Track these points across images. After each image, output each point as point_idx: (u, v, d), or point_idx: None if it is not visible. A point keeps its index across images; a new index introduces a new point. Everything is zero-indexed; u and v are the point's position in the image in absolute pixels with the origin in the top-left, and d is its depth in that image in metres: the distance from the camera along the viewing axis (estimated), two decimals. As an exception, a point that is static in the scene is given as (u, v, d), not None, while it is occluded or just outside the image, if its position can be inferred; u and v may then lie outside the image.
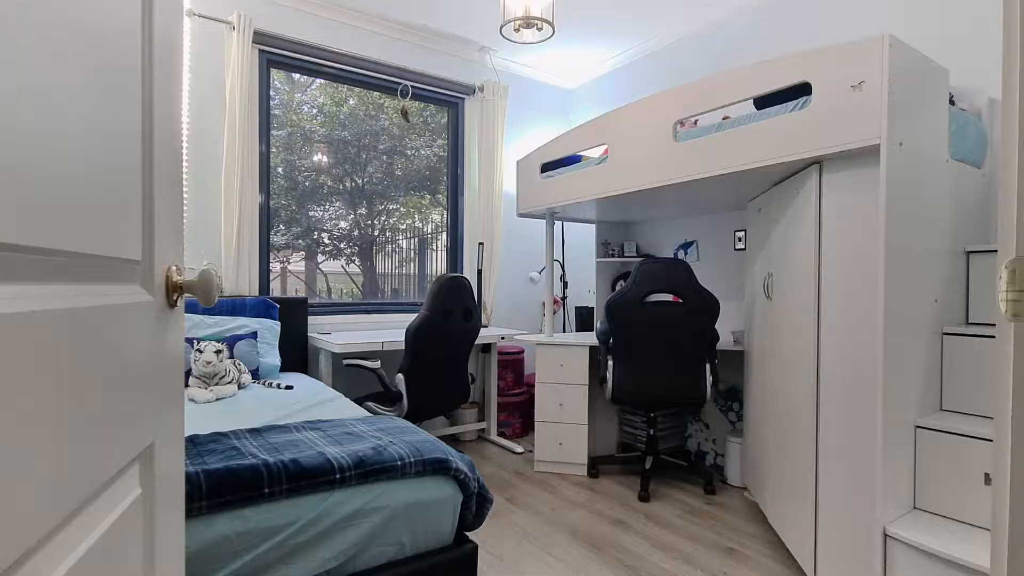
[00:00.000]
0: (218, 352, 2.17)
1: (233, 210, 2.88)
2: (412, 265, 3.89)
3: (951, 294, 1.87)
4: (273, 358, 2.69)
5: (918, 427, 1.71)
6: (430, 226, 3.94)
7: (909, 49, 1.65)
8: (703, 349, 2.63)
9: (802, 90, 1.80)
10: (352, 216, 3.63)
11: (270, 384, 2.41)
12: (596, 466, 2.95)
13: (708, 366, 2.65)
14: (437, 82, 3.67)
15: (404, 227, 3.86)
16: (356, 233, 3.65)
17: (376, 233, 3.74)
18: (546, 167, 3.05)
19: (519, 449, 3.34)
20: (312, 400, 2.16)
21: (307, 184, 3.44)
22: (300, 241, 3.43)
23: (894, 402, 1.63)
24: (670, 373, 2.64)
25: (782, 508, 2.08)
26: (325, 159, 3.50)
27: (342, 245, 3.63)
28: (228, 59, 2.87)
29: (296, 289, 3.44)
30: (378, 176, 3.70)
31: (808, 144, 1.78)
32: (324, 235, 3.56)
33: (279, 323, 2.84)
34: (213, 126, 2.91)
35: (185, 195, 2.80)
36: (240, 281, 2.93)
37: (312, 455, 1.30)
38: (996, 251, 1.91)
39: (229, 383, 2.21)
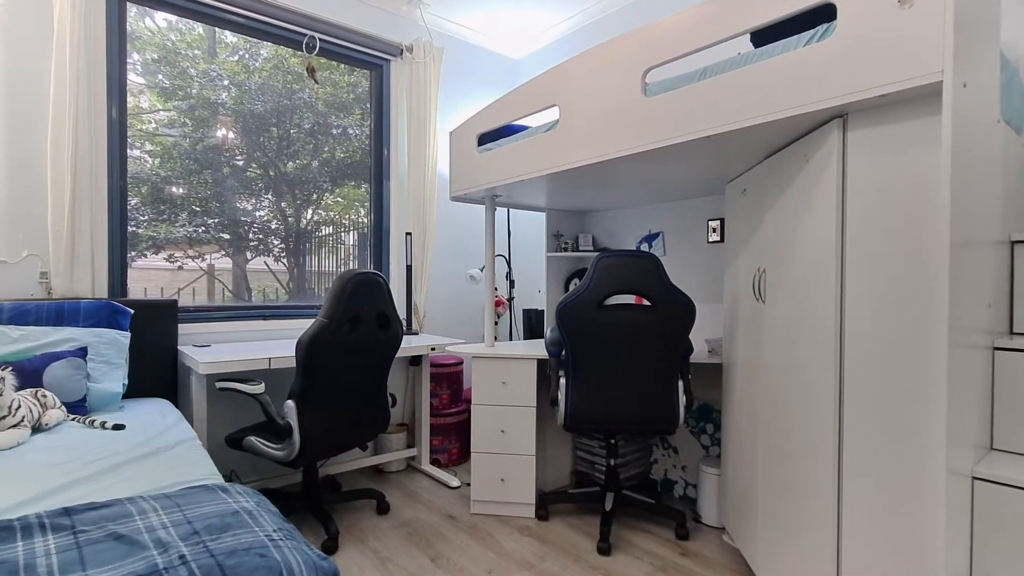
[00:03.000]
0: (-5, 382, 1.48)
1: (64, 186, 2.15)
2: (354, 262, 3.29)
3: (998, 297, 1.44)
4: (113, 382, 1.99)
5: (976, 478, 1.26)
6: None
7: (972, -47, 1.18)
8: (675, 362, 2.13)
9: (821, 14, 1.31)
10: (272, 204, 2.99)
11: (92, 422, 1.72)
12: (546, 506, 2.41)
13: (681, 383, 2.16)
14: (355, 37, 3.02)
15: (347, 221, 3.25)
16: (281, 226, 3.03)
17: (306, 226, 3.12)
18: (484, 138, 2.48)
19: (455, 483, 2.76)
20: (141, 448, 1.51)
21: (227, 171, 2.79)
22: (207, 233, 2.80)
23: (954, 442, 1.16)
24: (635, 392, 2.13)
25: (783, 572, 1.60)
26: (232, 135, 2.83)
27: (273, 240, 2.99)
28: (56, -19, 2.14)
29: (220, 289, 2.83)
30: (303, 161, 3.06)
31: (830, 88, 1.28)
32: (250, 229, 2.93)
33: (128, 334, 2.15)
34: (38, 74, 2.17)
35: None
36: (77, 279, 2.20)
37: (-10, 613, 0.68)
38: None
39: (15, 426, 1.52)
